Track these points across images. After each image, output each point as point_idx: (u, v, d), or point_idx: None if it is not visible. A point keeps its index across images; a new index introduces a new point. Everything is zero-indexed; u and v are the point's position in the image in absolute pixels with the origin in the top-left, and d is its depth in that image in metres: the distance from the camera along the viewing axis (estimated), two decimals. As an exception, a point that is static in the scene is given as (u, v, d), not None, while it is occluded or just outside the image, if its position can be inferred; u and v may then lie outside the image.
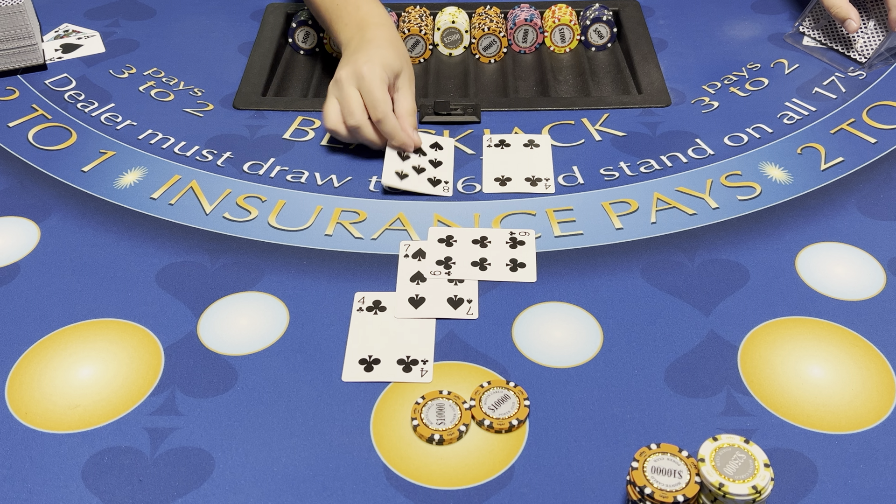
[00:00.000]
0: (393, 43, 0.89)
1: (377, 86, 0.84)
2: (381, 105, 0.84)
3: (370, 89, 0.84)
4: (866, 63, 1.00)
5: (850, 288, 0.74)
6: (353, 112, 0.84)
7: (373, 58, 0.85)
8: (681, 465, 0.56)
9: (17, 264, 0.79)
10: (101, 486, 0.61)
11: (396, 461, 0.62)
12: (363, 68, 0.84)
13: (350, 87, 0.85)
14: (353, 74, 0.85)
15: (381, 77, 0.84)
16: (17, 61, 1.03)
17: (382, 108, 0.84)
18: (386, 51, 0.87)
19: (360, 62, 0.85)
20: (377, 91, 0.84)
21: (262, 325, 0.73)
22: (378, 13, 0.93)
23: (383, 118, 0.84)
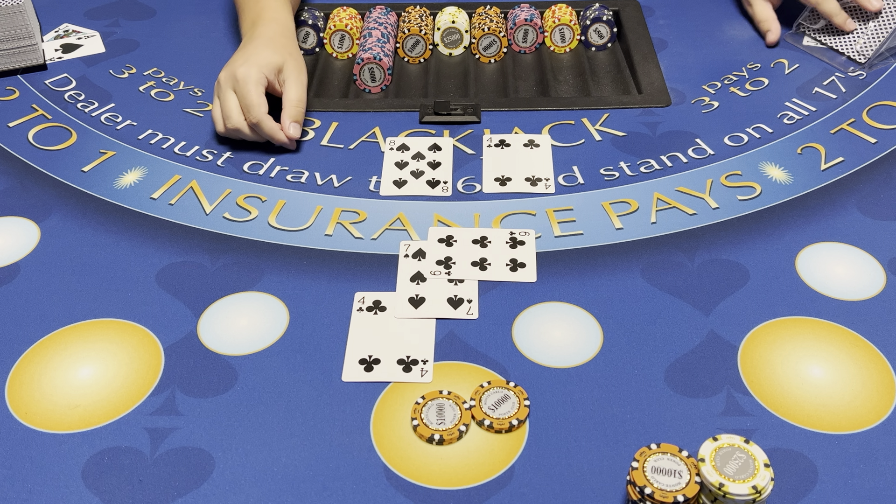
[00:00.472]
0: (274, 40, 0.90)
1: (251, 89, 0.85)
2: (255, 109, 0.85)
3: (244, 94, 0.85)
4: (866, 63, 1.00)
5: (850, 288, 0.74)
6: (230, 115, 0.86)
7: (249, 58, 0.87)
8: (681, 465, 0.56)
9: (17, 264, 0.79)
10: (101, 486, 0.61)
11: (396, 461, 0.62)
12: (238, 71, 0.85)
13: (227, 90, 0.86)
14: (229, 77, 0.86)
15: (256, 78, 0.85)
16: (17, 61, 1.03)
17: (255, 112, 0.85)
18: (264, 49, 0.88)
19: (237, 64, 0.86)
20: (250, 95, 0.85)
21: (262, 325, 0.73)
22: (275, 7, 0.94)
23: (258, 121, 0.85)
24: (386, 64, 0.99)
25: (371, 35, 1.03)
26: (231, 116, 0.86)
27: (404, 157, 0.90)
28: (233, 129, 0.87)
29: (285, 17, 0.94)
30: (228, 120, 0.86)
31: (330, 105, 0.98)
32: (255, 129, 0.86)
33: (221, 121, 0.88)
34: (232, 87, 0.86)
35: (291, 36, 0.93)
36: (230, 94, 0.86)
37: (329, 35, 1.06)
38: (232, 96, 0.86)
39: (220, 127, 0.88)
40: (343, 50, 1.07)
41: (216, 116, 0.88)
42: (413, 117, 0.96)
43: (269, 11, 0.93)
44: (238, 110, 0.86)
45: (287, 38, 0.92)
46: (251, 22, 0.94)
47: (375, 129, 0.94)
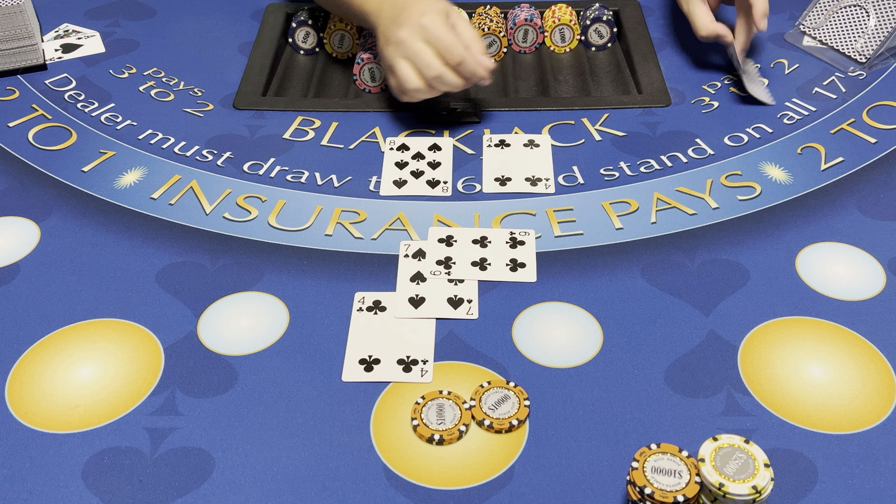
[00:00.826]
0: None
1: (445, 32, 0.84)
2: (456, 49, 0.84)
3: (439, 37, 0.84)
4: (866, 63, 1.00)
5: (850, 288, 0.74)
6: (430, 64, 0.84)
7: (426, 10, 0.85)
8: (681, 465, 0.56)
9: (17, 264, 0.79)
10: (101, 486, 0.61)
11: (396, 461, 0.62)
12: (423, 20, 0.84)
13: (417, 42, 0.85)
14: (416, 30, 0.85)
15: (444, 23, 0.85)
16: (17, 61, 1.03)
17: (458, 52, 0.84)
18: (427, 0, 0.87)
19: (415, 16, 0.85)
20: (447, 37, 0.84)
21: (262, 325, 0.73)
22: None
23: (462, 60, 0.85)
24: None
25: (371, 35, 1.03)
26: (431, 65, 0.84)
27: (404, 157, 0.90)
28: (435, 77, 0.85)
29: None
30: (429, 69, 0.84)
31: (330, 105, 0.98)
32: (459, 68, 0.85)
33: (415, 77, 0.86)
34: (421, 38, 0.85)
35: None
36: (422, 46, 0.85)
37: (329, 35, 1.06)
38: (425, 47, 0.85)
39: (416, 84, 0.86)
40: (343, 50, 1.07)
41: (407, 76, 0.86)
42: (413, 117, 0.96)
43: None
44: (437, 58, 0.85)
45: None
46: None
47: (375, 129, 0.94)
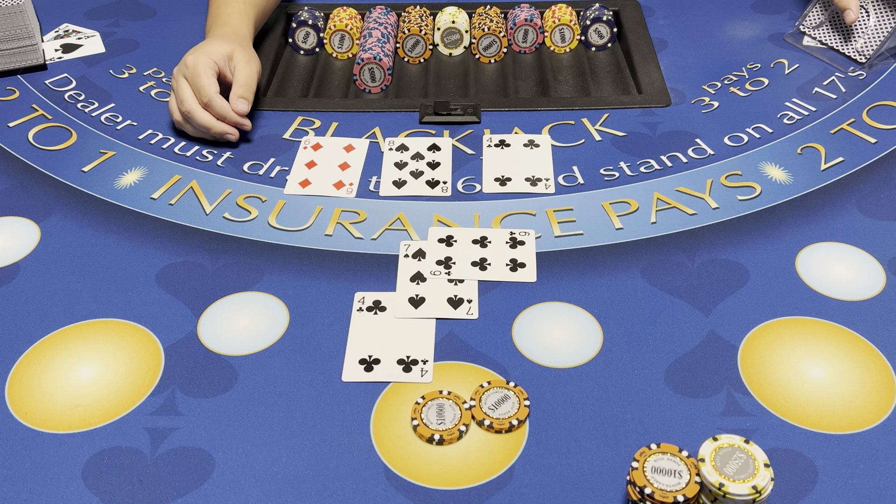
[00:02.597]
0: (225, 36, 0.94)
1: (200, 71, 0.88)
2: (205, 90, 0.88)
3: (193, 76, 0.88)
4: (866, 63, 1.00)
5: (850, 288, 0.74)
6: (183, 99, 0.89)
7: (198, 49, 0.91)
8: (681, 465, 0.56)
9: (17, 264, 0.79)
10: (101, 486, 0.61)
11: (396, 461, 0.62)
12: (188, 58, 0.89)
13: (179, 78, 0.90)
14: (181, 66, 0.90)
15: (206, 63, 0.89)
16: (17, 61, 1.03)
17: (206, 92, 0.88)
18: (212, 42, 0.92)
19: (188, 54, 0.90)
20: (200, 77, 0.88)
21: (262, 325, 0.73)
22: (232, 14, 0.98)
23: (209, 101, 0.88)
24: (386, 64, 0.99)
25: (371, 35, 1.03)
26: (185, 100, 0.89)
27: (404, 158, 0.90)
28: (185, 112, 0.89)
29: (239, 23, 0.98)
30: (182, 103, 0.89)
31: (330, 105, 0.98)
32: (208, 109, 0.89)
33: (176, 109, 0.91)
34: (183, 74, 0.90)
35: (244, 37, 0.97)
36: (182, 82, 0.89)
37: (329, 35, 1.06)
38: (184, 83, 0.89)
39: (176, 115, 0.91)
40: (343, 50, 1.07)
41: (170, 106, 0.92)
42: (413, 117, 0.96)
43: (224, 17, 0.98)
44: (191, 94, 0.89)
45: (238, 37, 0.95)
46: (208, 27, 0.99)
47: (375, 129, 0.94)
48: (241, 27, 0.98)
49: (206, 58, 0.89)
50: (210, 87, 0.88)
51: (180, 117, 0.91)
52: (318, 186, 0.86)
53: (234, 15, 1.00)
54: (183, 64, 0.90)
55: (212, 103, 0.89)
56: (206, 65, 0.89)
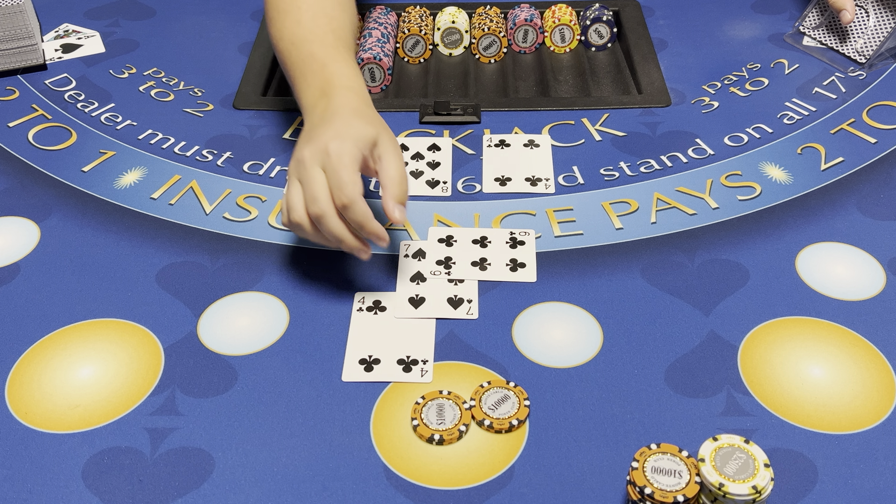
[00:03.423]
0: (361, 111, 0.75)
1: (347, 164, 0.69)
2: (349, 188, 0.68)
3: (336, 168, 0.69)
4: (866, 63, 1.00)
5: (850, 288, 0.74)
6: (317, 197, 0.69)
7: (341, 131, 0.71)
8: (681, 465, 0.56)
9: (17, 264, 0.79)
10: (101, 486, 0.61)
11: (396, 461, 0.62)
12: (330, 145, 0.70)
13: (314, 167, 0.70)
14: (318, 153, 0.70)
15: (352, 154, 0.70)
16: (17, 61, 1.03)
17: (350, 192, 0.68)
18: (355, 121, 0.73)
19: (327, 137, 0.70)
20: (345, 171, 0.68)
21: (262, 325, 0.73)
22: (347, 73, 0.79)
23: (351, 202, 0.68)
24: (386, 64, 0.99)
25: (371, 35, 1.03)
26: (318, 198, 0.68)
27: (404, 158, 0.90)
28: (316, 215, 0.69)
29: (361, 85, 0.79)
30: (314, 202, 0.69)
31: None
32: (345, 212, 0.69)
33: (301, 206, 0.70)
34: (321, 164, 0.69)
35: (370, 102, 0.78)
36: (318, 173, 0.69)
37: (329, 35, 1.06)
38: (320, 175, 0.69)
39: (297, 214, 0.70)
40: (343, 50, 1.07)
41: (296, 203, 0.70)
42: (413, 117, 0.96)
43: (341, 79, 0.78)
44: (327, 192, 0.69)
45: (372, 109, 0.77)
46: (320, 91, 0.77)
47: (375, 129, 0.94)
48: (363, 87, 0.79)
49: (355, 148, 0.70)
50: (356, 186, 0.68)
51: (304, 218, 0.70)
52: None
53: (344, 63, 0.80)
54: (321, 151, 0.69)
55: (353, 207, 0.68)
56: (354, 157, 0.69)
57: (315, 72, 0.79)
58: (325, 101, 0.76)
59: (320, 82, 0.78)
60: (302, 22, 0.84)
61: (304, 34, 0.83)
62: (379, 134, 0.73)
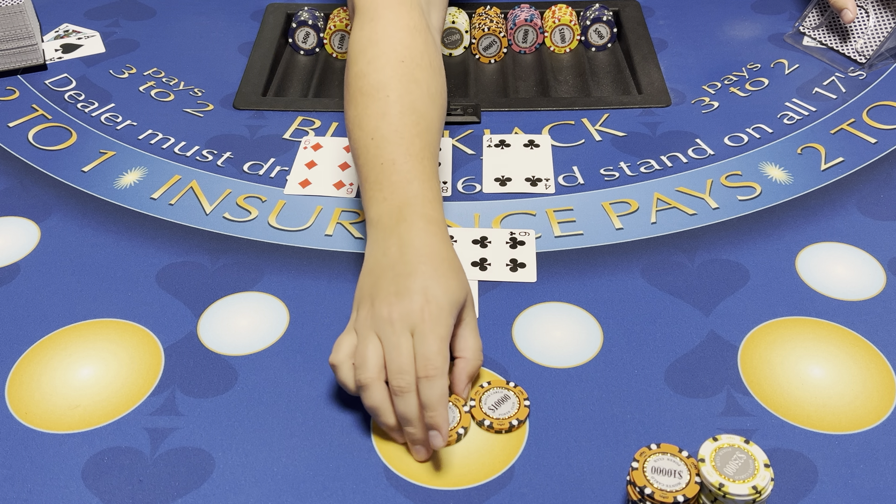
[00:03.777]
0: (449, 259, 0.65)
1: (440, 336, 0.61)
2: (438, 360, 0.60)
3: (426, 339, 0.60)
4: (866, 63, 1.00)
5: (850, 288, 0.74)
6: (403, 370, 0.60)
7: (433, 291, 0.62)
8: (681, 465, 0.56)
9: (17, 264, 0.79)
10: (101, 486, 0.61)
11: (396, 461, 0.62)
12: (425, 310, 0.61)
13: (404, 332, 0.61)
14: (408, 314, 0.61)
15: (448, 325, 0.61)
16: (17, 61, 1.03)
17: (440, 366, 0.60)
18: (448, 278, 0.63)
19: (419, 297, 0.61)
20: (437, 343, 0.60)
21: (262, 325, 0.73)
22: (430, 198, 0.68)
23: (436, 377, 0.59)
24: None
25: (371, 35, 1.03)
26: (405, 371, 0.60)
27: None
28: (400, 389, 0.60)
29: (441, 212, 0.69)
30: (399, 375, 0.60)
31: (330, 105, 0.98)
32: (426, 385, 0.59)
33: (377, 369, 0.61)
34: (411, 327, 0.61)
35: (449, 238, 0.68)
36: (406, 340, 0.61)
37: (329, 35, 1.06)
38: (408, 344, 0.61)
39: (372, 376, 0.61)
40: (343, 50, 1.07)
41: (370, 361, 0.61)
42: (413, 117, 0.96)
43: (423, 205, 0.68)
44: (413, 364, 0.60)
45: (452, 250, 0.67)
46: (397, 211, 0.67)
47: (375, 129, 0.94)
48: (442, 217, 0.69)
49: (451, 316, 0.62)
50: (446, 362, 0.60)
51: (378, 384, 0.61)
52: (318, 186, 0.86)
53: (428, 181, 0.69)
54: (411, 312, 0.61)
55: (436, 383, 0.59)
56: (449, 328, 0.61)
57: (395, 185, 0.68)
58: (404, 228, 0.66)
59: (399, 201, 0.68)
60: (388, 116, 0.72)
61: (389, 133, 0.71)
62: (466, 295, 0.65)
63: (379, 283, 0.64)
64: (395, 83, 0.73)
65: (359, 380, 0.61)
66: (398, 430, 0.62)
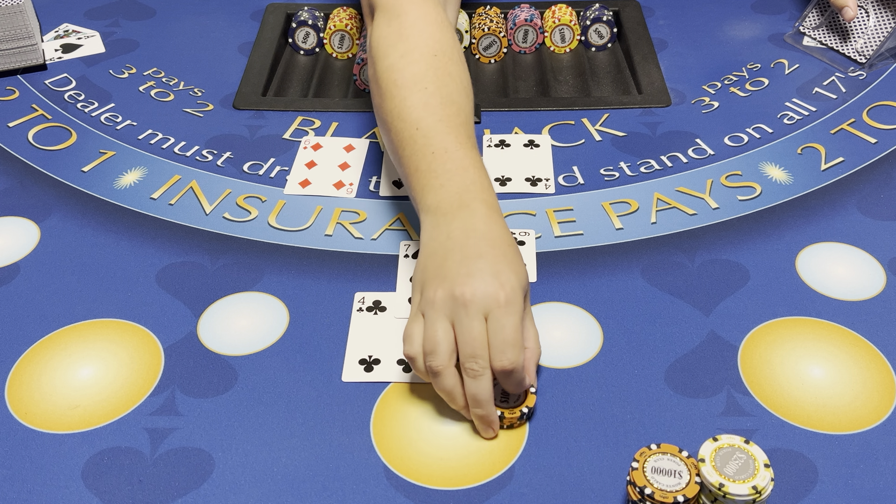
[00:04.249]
0: (512, 243, 0.65)
1: (515, 324, 0.60)
2: (517, 351, 0.60)
3: (503, 326, 0.60)
4: (866, 63, 1.00)
5: (850, 288, 0.74)
6: (477, 355, 0.60)
7: (505, 274, 0.62)
8: (681, 465, 0.56)
9: (17, 264, 0.79)
10: (101, 486, 0.61)
11: (396, 461, 0.62)
12: (500, 293, 0.60)
13: (478, 316, 0.60)
14: (485, 297, 0.60)
15: (521, 309, 0.62)
16: (17, 61, 1.03)
17: (517, 356, 0.60)
18: (515, 262, 0.64)
19: (492, 280, 0.61)
20: (513, 331, 0.60)
21: (262, 325, 0.73)
22: (486, 185, 0.69)
23: (513, 367, 0.60)
24: None
25: (371, 35, 1.03)
26: (478, 356, 0.60)
27: None
28: (475, 374, 0.60)
29: (497, 202, 0.69)
30: (473, 360, 0.60)
31: (330, 105, 0.98)
32: (506, 378, 0.61)
33: (448, 354, 0.61)
34: (485, 311, 0.60)
35: None
36: (480, 325, 0.60)
37: (329, 35, 1.06)
38: (482, 328, 0.60)
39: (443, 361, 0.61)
40: (343, 50, 1.07)
41: (441, 345, 0.61)
42: (413, 117, 0.96)
43: (482, 190, 0.68)
44: (486, 349, 0.60)
45: (514, 239, 0.68)
46: (457, 197, 0.67)
47: (375, 130, 0.94)
48: (495, 196, 0.69)
49: (522, 299, 0.62)
50: (522, 352, 0.61)
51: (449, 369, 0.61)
52: (318, 186, 0.86)
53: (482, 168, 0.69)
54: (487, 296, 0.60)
55: (516, 376, 0.61)
56: (521, 312, 0.62)
57: (451, 172, 0.68)
58: (467, 214, 0.66)
59: (457, 188, 0.67)
60: (431, 107, 0.71)
61: (435, 123, 0.71)
62: (527, 283, 0.64)
63: (446, 265, 0.63)
64: (432, 76, 0.74)
65: (431, 366, 0.61)
66: (467, 409, 0.62)
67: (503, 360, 0.60)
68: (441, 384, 0.61)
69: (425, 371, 0.62)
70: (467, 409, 0.62)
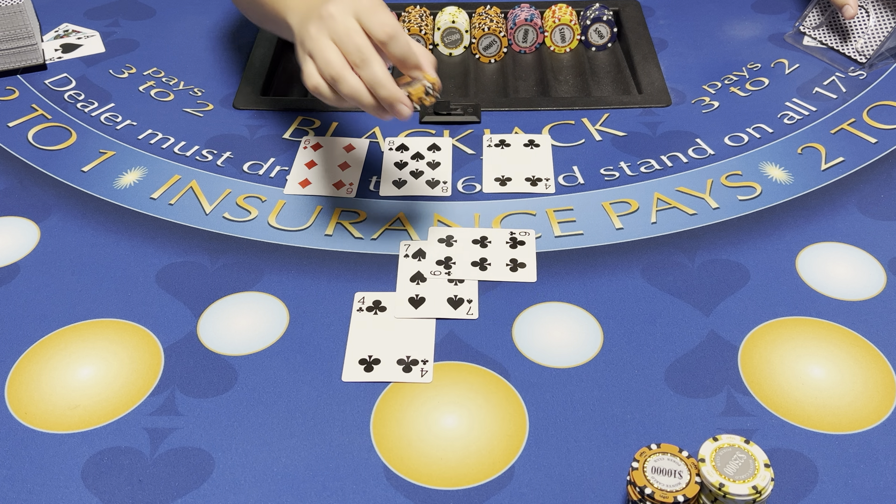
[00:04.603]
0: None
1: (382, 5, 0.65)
2: (392, 20, 0.65)
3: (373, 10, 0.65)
4: (866, 63, 1.00)
5: (850, 288, 0.74)
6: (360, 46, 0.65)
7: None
8: (681, 465, 0.56)
9: (17, 264, 0.79)
10: (101, 486, 0.61)
11: (396, 461, 0.62)
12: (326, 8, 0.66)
13: (347, 16, 0.65)
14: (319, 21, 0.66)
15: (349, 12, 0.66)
16: (17, 61, 1.03)
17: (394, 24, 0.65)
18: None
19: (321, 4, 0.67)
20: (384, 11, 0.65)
21: (262, 325, 0.73)
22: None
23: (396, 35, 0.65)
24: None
25: (371, 35, 1.03)
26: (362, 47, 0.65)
27: (404, 158, 0.90)
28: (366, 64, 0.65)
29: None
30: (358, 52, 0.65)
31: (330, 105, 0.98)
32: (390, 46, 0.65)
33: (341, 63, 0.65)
34: (355, 13, 0.66)
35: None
36: (353, 22, 0.65)
37: (329, 35, 1.06)
38: (355, 24, 0.65)
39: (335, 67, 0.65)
40: (343, 50, 1.07)
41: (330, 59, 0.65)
42: (413, 117, 0.96)
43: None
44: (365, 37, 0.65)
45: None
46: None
47: (375, 129, 0.94)
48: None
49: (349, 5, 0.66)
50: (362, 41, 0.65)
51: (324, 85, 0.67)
52: (318, 186, 0.86)
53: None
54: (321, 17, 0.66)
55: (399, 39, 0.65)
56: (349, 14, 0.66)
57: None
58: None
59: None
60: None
61: None
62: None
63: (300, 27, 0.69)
64: None
65: (329, 76, 0.65)
66: (380, 107, 0.66)
67: (384, 27, 0.64)
68: (345, 88, 0.65)
69: (331, 92, 0.66)
70: (379, 109, 0.66)
